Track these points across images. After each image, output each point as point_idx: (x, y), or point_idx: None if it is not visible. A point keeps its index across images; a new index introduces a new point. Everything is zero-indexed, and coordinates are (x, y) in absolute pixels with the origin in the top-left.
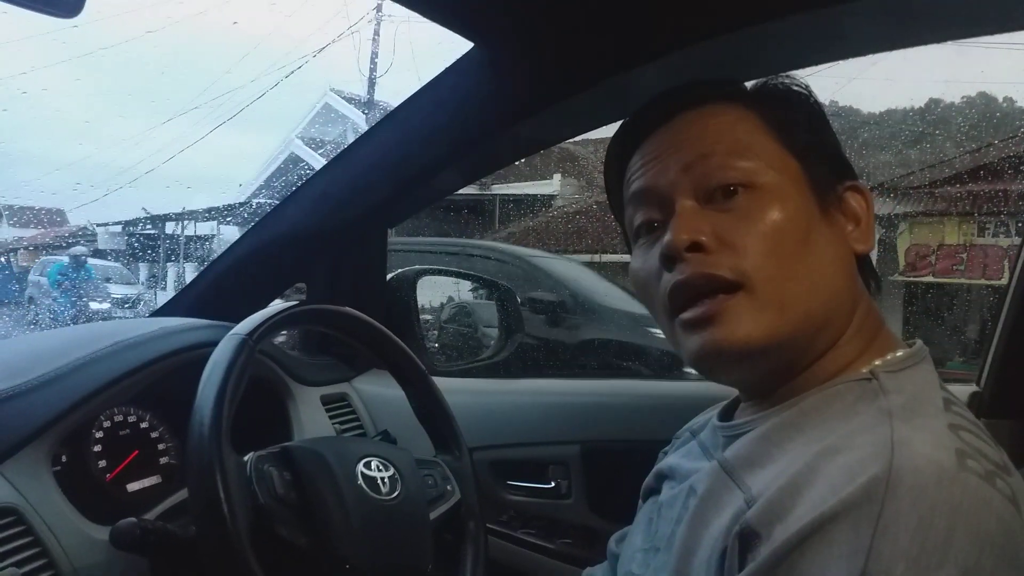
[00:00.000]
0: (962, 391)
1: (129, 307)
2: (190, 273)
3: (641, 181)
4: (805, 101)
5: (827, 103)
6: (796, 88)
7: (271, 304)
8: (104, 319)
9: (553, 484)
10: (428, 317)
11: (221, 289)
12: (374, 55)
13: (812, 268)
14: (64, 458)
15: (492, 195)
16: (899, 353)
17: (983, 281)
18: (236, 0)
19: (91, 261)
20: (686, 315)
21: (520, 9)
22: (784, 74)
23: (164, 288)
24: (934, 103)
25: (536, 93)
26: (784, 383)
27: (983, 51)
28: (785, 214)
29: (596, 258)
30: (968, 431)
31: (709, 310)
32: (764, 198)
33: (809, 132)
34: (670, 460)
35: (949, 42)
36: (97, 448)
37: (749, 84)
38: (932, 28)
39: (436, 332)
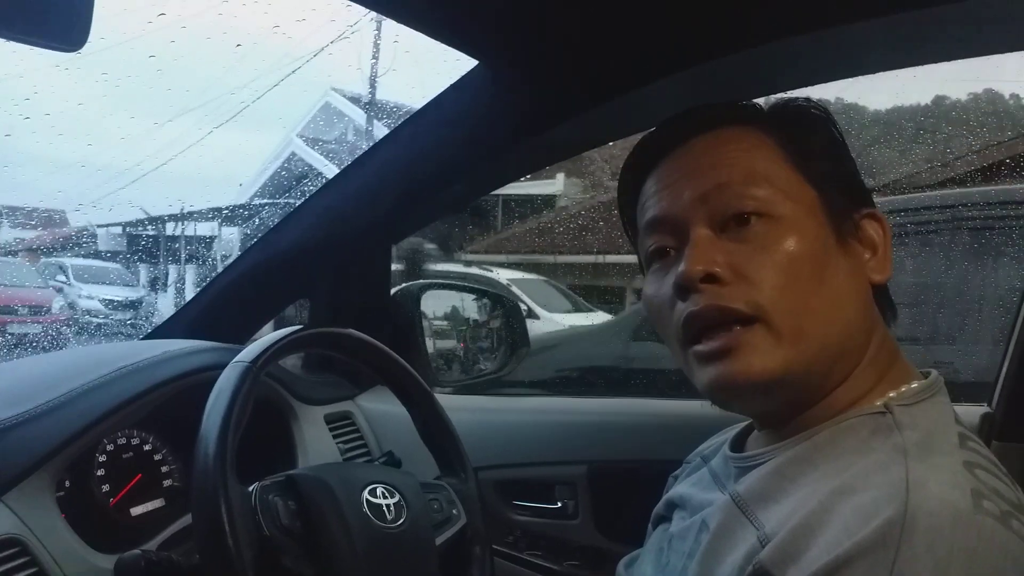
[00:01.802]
0: (973, 412)
1: (131, 309)
2: (190, 275)
3: (656, 209)
4: (823, 126)
5: (832, 100)
6: (815, 112)
7: (272, 322)
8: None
9: (560, 504)
10: (444, 324)
11: (223, 306)
12: (375, 54)
13: (828, 300)
14: (67, 483)
15: (495, 196)
16: (914, 385)
17: None
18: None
19: (91, 262)
20: (700, 348)
21: (525, 27)
22: (803, 97)
23: (165, 290)
24: (940, 100)
25: (541, 112)
26: (798, 414)
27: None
28: (801, 245)
29: (600, 259)
30: (984, 468)
31: (726, 344)
32: (780, 228)
33: (827, 159)
34: (681, 489)
35: None
36: (100, 472)
37: (767, 105)
38: (942, 48)
39: (442, 344)
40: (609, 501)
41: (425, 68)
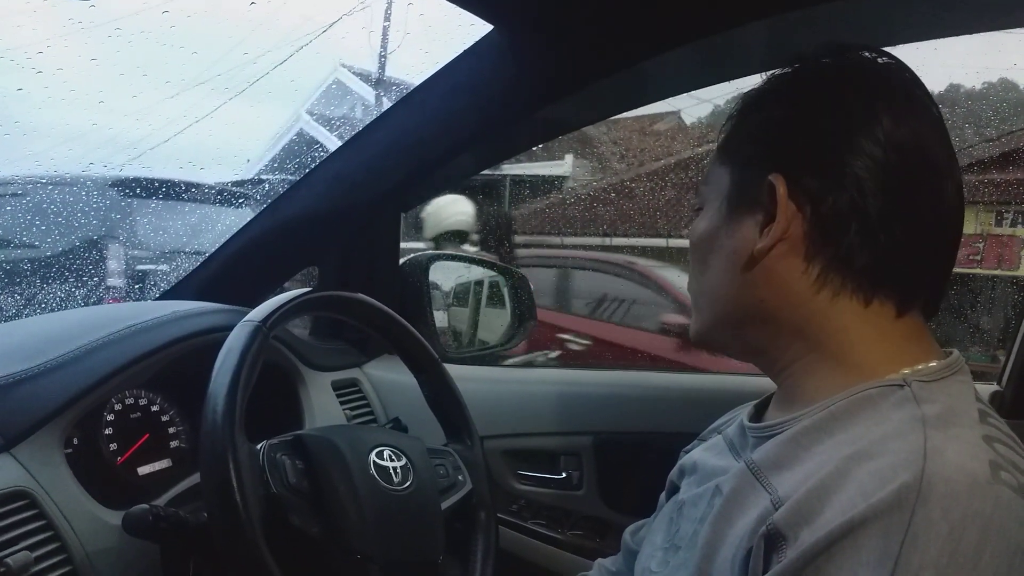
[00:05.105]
0: (983, 390)
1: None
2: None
3: None
4: (782, 88)
5: None
6: (792, 74)
7: (281, 287)
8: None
9: (565, 475)
10: (452, 295)
11: (232, 271)
12: (386, 30)
13: (711, 282)
14: (75, 440)
15: (502, 175)
16: (932, 363)
17: (1000, 272)
18: None
19: None
20: None
21: None
22: (801, 58)
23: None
24: (954, 88)
25: (556, 79)
26: (778, 369)
27: (1006, 35)
28: (695, 234)
29: (607, 241)
30: (1003, 443)
31: None
32: (696, 219)
33: (765, 124)
34: (694, 455)
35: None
36: (108, 431)
37: None
38: (967, 18)
39: (449, 315)
40: (614, 473)
41: (437, 40)
